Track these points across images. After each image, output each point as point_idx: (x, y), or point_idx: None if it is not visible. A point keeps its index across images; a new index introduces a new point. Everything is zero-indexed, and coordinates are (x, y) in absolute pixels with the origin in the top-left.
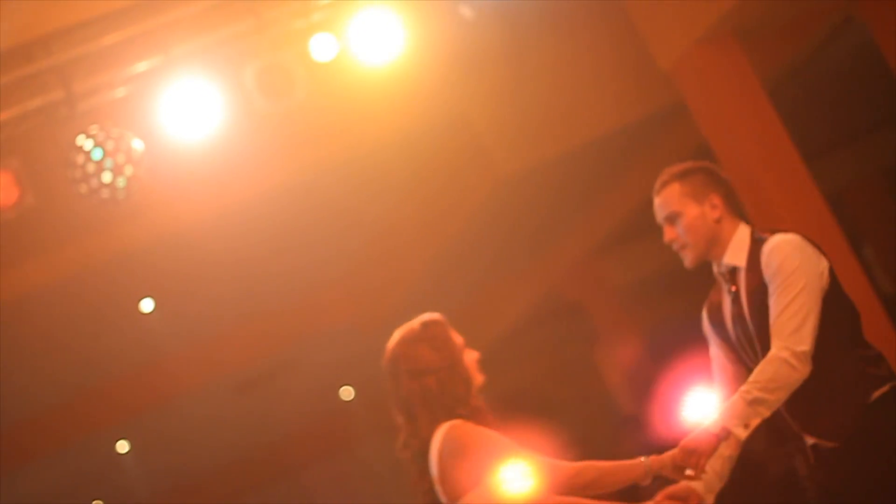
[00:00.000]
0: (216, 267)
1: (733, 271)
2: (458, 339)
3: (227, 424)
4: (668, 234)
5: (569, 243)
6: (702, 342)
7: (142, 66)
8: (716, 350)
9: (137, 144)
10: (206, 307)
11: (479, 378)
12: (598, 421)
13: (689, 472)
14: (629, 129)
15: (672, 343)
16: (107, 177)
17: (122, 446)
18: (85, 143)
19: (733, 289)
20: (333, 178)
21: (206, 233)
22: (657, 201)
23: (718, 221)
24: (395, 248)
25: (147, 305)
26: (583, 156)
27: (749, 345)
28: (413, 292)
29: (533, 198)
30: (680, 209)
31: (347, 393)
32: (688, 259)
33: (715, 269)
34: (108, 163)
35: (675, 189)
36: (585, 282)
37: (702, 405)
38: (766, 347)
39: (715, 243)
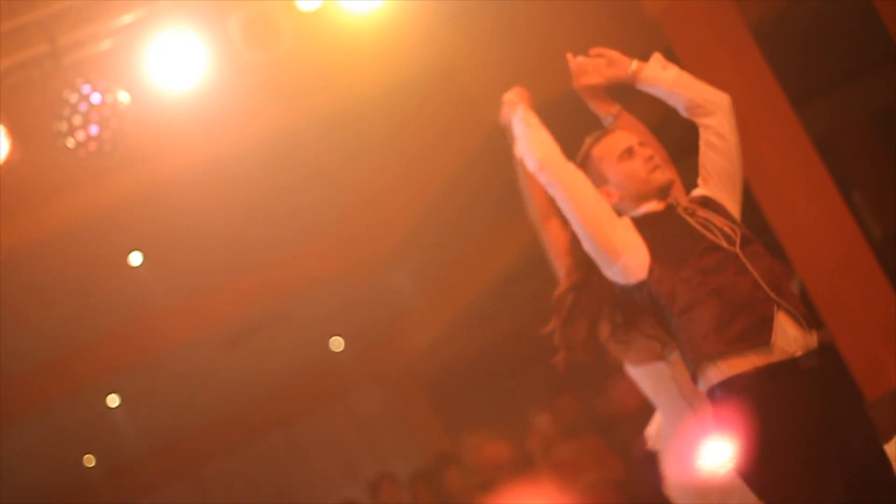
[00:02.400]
0: (204, 219)
1: None
2: None
3: (218, 377)
4: None
5: None
6: None
7: (127, 19)
8: None
9: (123, 97)
10: (195, 260)
11: None
12: (590, 366)
13: None
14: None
15: None
16: (93, 130)
17: (113, 400)
18: (70, 96)
19: None
20: (320, 128)
21: (194, 185)
22: None
23: None
24: (383, 198)
25: (136, 259)
26: (570, 104)
27: None
28: (402, 243)
29: None
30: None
31: (337, 344)
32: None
33: None
34: (94, 116)
35: None
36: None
37: None
38: None
39: None
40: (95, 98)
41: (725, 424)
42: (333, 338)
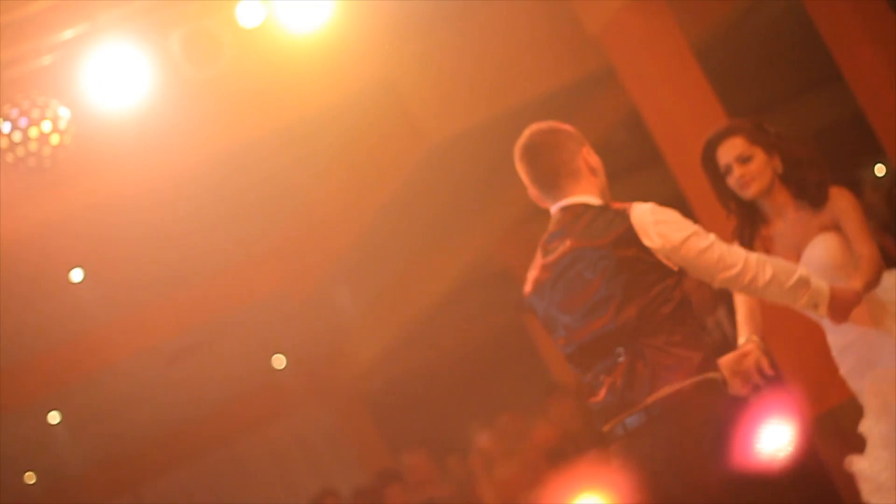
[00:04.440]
0: (145, 235)
1: None
2: None
3: (159, 395)
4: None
5: (499, 209)
6: None
7: (68, 34)
8: None
9: (64, 112)
10: (136, 277)
11: None
12: (528, 386)
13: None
14: (558, 95)
15: None
16: (33, 146)
17: (54, 417)
18: (10, 111)
19: None
20: (262, 145)
21: (134, 201)
22: None
23: None
24: (325, 215)
25: (77, 275)
26: (512, 121)
27: None
28: (344, 260)
29: (462, 164)
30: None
31: (279, 361)
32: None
33: None
34: (34, 131)
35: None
36: (515, 247)
37: None
38: None
39: None
40: (35, 114)
41: None
42: (275, 355)
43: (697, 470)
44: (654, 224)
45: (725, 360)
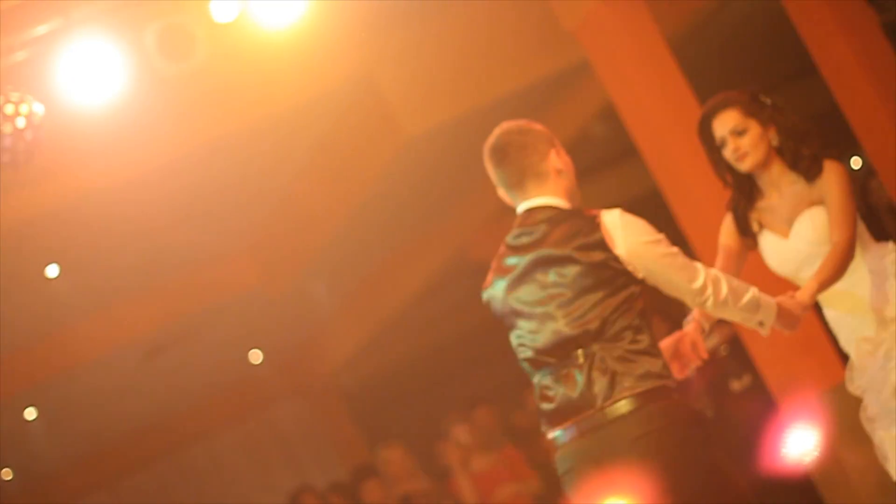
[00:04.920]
0: (121, 230)
1: None
2: None
3: (136, 390)
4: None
5: (475, 204)
6: None
7: (41, 29)
8: None
9: (38, 108)
10: (112, 272)
11: None
12: (508, 379)
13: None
14: (534, 89)
15: None
16: (7, 141)
17: (30, 413)
18: None
19: None
20: (238, 140)
21: (111, 196)
22: None
23: None
24: (301, 210)
25: (52, 271)
26: (488, 115)
27: None
28: (321, 254)
29: (438, 158)
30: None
31: (256, 356)
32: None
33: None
34: (8, 127)
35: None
36: (492, 242)
37: None
38: None
39: None
40: (9, 109)
41: None
42: (252, 350)
43: (647, 477)
44: (622, 229)
45: (664, 344)
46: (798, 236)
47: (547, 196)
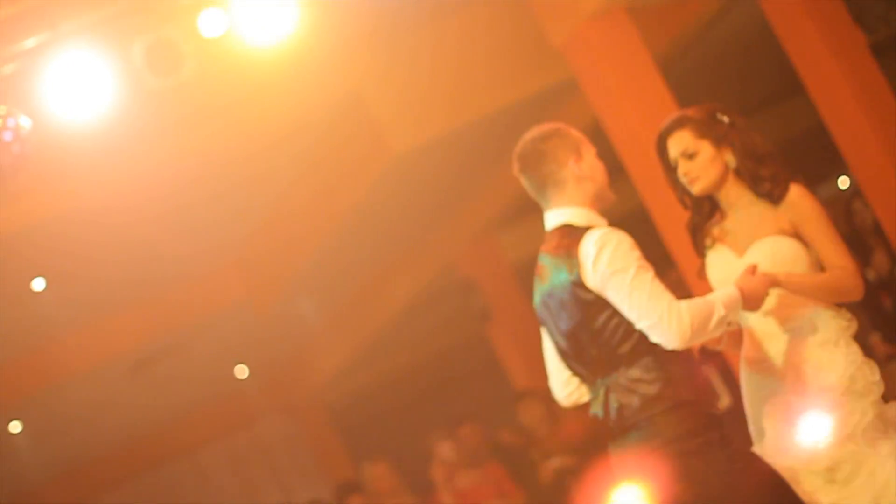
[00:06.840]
0: (108, 245)
1: None
2: None
3: (121, 404)
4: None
5: (463, 220)
6: None
7: (29, 43)
8: None
9: (25, 122)
10: (99, 287)
11: None
12: (493, 396)
13: None
14: (522, 106)
15: None
16: None
17: (15, 427)
18: None
19: None
20: (226, 155)
21: (98, 210)
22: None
23: None
24: (288, 226)
25: (39, 285)
26: (476, 131)
27: None
28: (308, 270)
29: (427, 175)
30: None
31: (242, 371)
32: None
33: None
34: None
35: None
36: (479, 258)
37: None
38: None
39: None
40: None
41: None
42: (238, 365)
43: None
44: (593, 259)
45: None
46: (753, 260)
47: (565, 206)
